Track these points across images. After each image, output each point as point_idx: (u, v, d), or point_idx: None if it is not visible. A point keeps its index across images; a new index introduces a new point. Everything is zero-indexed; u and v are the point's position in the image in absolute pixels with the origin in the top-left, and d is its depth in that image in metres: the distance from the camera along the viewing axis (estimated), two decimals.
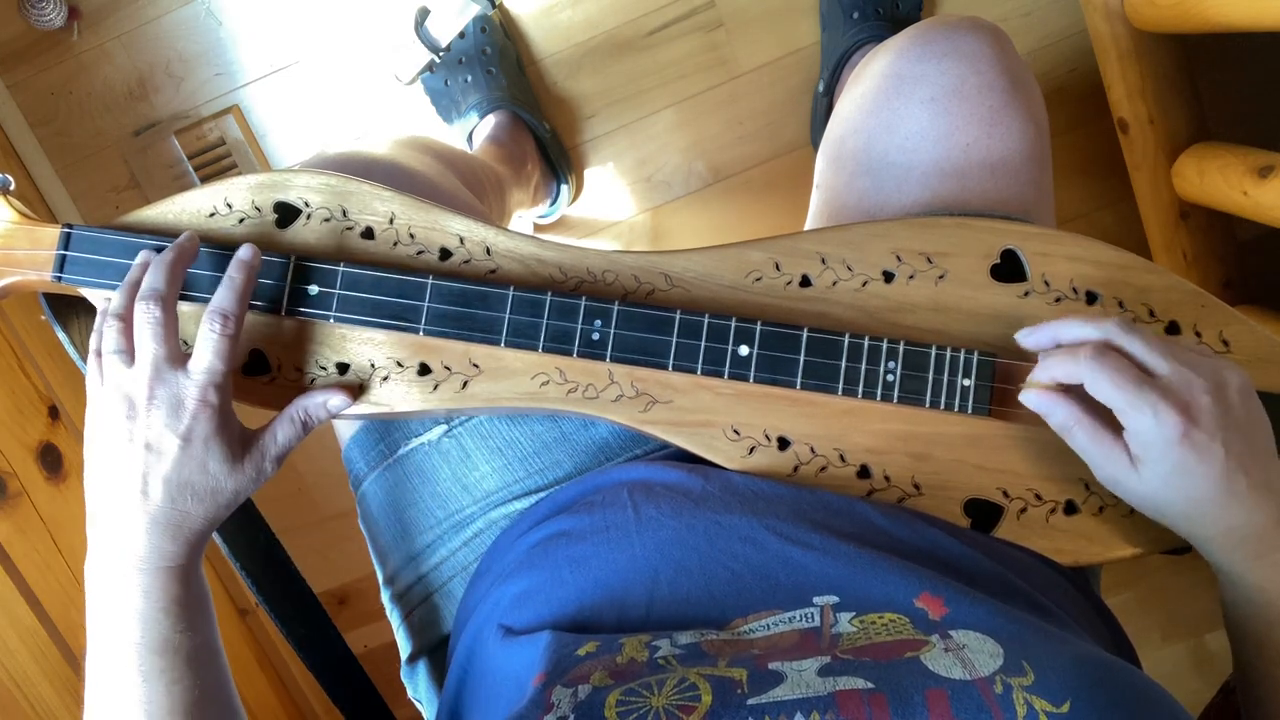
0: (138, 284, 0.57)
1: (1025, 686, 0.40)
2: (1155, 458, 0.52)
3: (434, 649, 0.71)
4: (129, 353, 0.55)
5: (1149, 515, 0.56)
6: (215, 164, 1.27)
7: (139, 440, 0.54)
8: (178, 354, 0.56)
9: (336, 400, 0.60)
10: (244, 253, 0.59)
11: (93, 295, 0.62)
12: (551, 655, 0.48)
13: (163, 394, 0.54)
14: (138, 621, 0.54)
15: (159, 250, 0.60)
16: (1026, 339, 0.58)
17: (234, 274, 0.58)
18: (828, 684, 0.41)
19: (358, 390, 0.62)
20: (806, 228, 0.79)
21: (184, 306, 0.61)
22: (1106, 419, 0.53)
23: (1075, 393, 0.54)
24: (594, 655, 0.47)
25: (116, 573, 0.55)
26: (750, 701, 0.41)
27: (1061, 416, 0.55)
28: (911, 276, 0.62)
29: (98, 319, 0.59)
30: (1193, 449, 0.51)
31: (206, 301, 0.61)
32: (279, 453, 0.59)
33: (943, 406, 0.60)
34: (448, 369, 0.62)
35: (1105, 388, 0.52)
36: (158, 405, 0.54)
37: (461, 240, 0.63)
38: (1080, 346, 0.53)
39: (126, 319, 0.56)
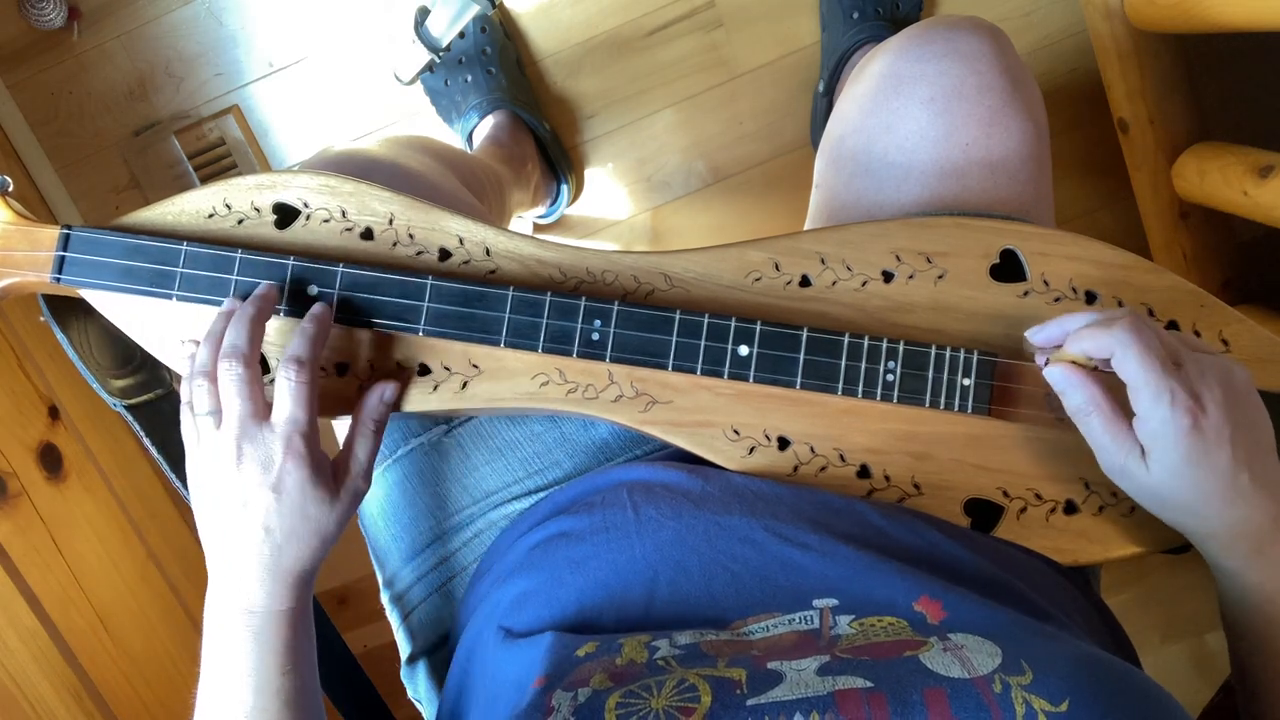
0: (221, 335, 0.57)
1: (1024, 685, 0.40)
2: (1164, 447, 0.51)
3: (434, 649, 0.71)
4: (219, 413, 0.56)
5: (1151, 509, 0.55)
6: (215, 164, 1.27)
7: (236, 498, 0.55)
8: (263, 409, 0.56)
9: (389, 392, 0.61)
10: (317, 309, 0.60)
11: (92, 296, 0.62)
12: (552, 657, 0.48)
13: (250, 451, 0.55)
14: (247, 662, 0.55)
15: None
16: (1036, 335, 0.57)
17: (307, 325, 0.59)
18: (827, 683, 0.41)
19: (400, 375, 0.62)
20: (806, 228, 0.79)
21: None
22: (1120, 406, 0.53)
23: (1097, 374, 0.54)
24: (593, 656, 0.47)
25: (229, 614, 0.56)
26: (750, 702, 0.41)
27: (1082, 398, 0.53)
28: (911, 276, 0.62)
29: (185, 366, 0.59)
30: (1201, 441, 0.50)
31: (209, 302, 0.61)
32: (367, 468, 0.59)
33: (942, 406, 0.60)
34: (447, 369, 0.62)
35: (1133, 363, 0.51)
36: (247, 462, 0.54)
37: (461, 241, 0.63)
38: (1114, 319, 0.52)
39: (214, 377, 0.56)
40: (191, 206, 0.63)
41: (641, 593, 0.53)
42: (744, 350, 0.60)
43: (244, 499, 0.55)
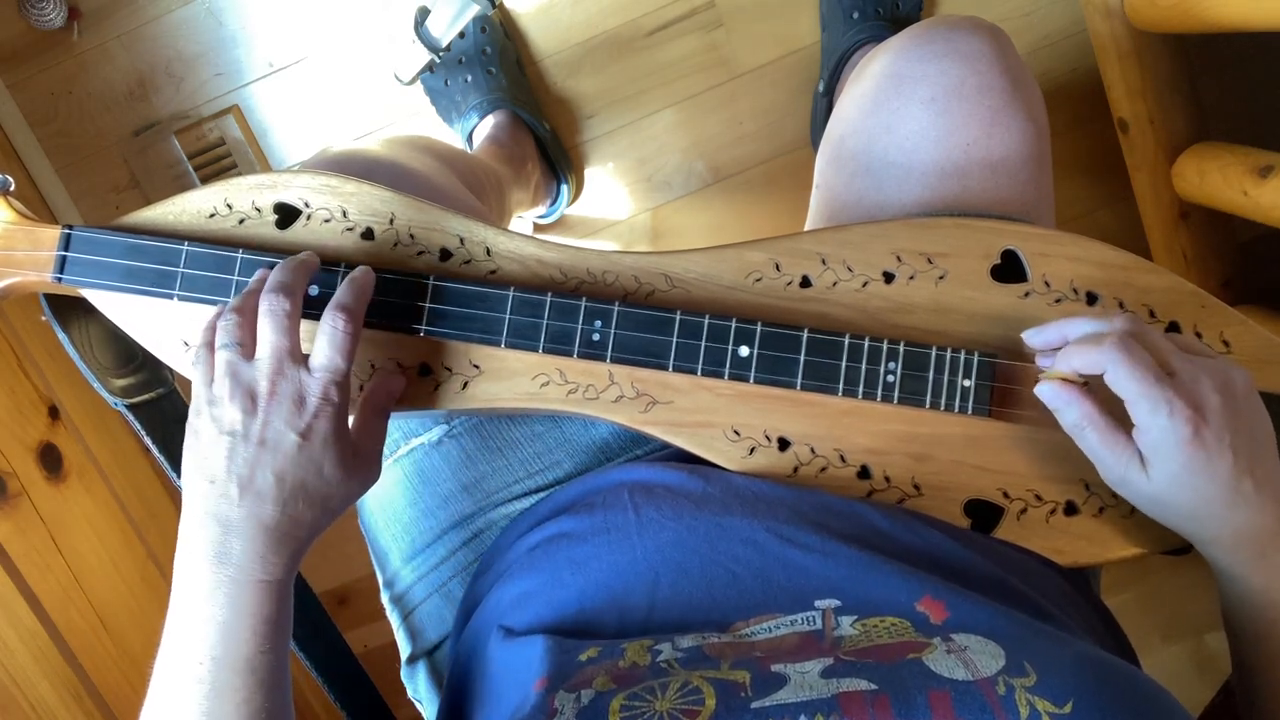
0: (257, 290, 0.55)
1: (1028, 687, 0.40)
2: (1165, 457, 0.51)
3: (434, 649, 0.71)
4: (247, 345, 0.53)
5: (1153, 516, 0.55)
6: (215, 164, 1.27)
7: (255, 436, 0.51)
8: (300, 351, 0.53)
9: (395, 384, 0.60)
10: (359, 270, 0.58)
11: (93, 296, 0.62)
12: (552, 660, 0.48)
13: (285, 389, 0.52)
14: (220, 634, 0.51)
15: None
16: (1034, 338, 0.57)
17: (356, 275, 0.57)
18: (830, 686, 0.41)
19: (399, 370, 0.62)
20: (806, 228, 0.79)
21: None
22: (1117, 417, 0.53)
23: (1089, 389, 0.54)
24: (595, 661, 0.47)
25: (208, 581, 0.51)
26: (754, 705, 0.41)
27: (1075, 415, 0.54)
28: (912, 277, 0.62)
29: (213, 316, 0.56)
30: (1203, 448, 0.50)
31: (210, 302, 0.61)
32: (380, 454, 0.58)
33: (943, 407, 0.60)
34: (448, 370, 0.62)
35: (1125, 379, 0.51)
36: (279, 400, 0.51)
37: (461, 241, 0.63)
38: (1104, 335, 0.52)
39: (246, 313, 0.54)
40: (192, 206, 0.63)
41: (643, 594, 0.53)
42: (744, 351, 0.60)
43: (263, 437, 0.51)
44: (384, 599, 0.75)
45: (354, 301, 0.55)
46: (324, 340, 0.53)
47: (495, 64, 1.20)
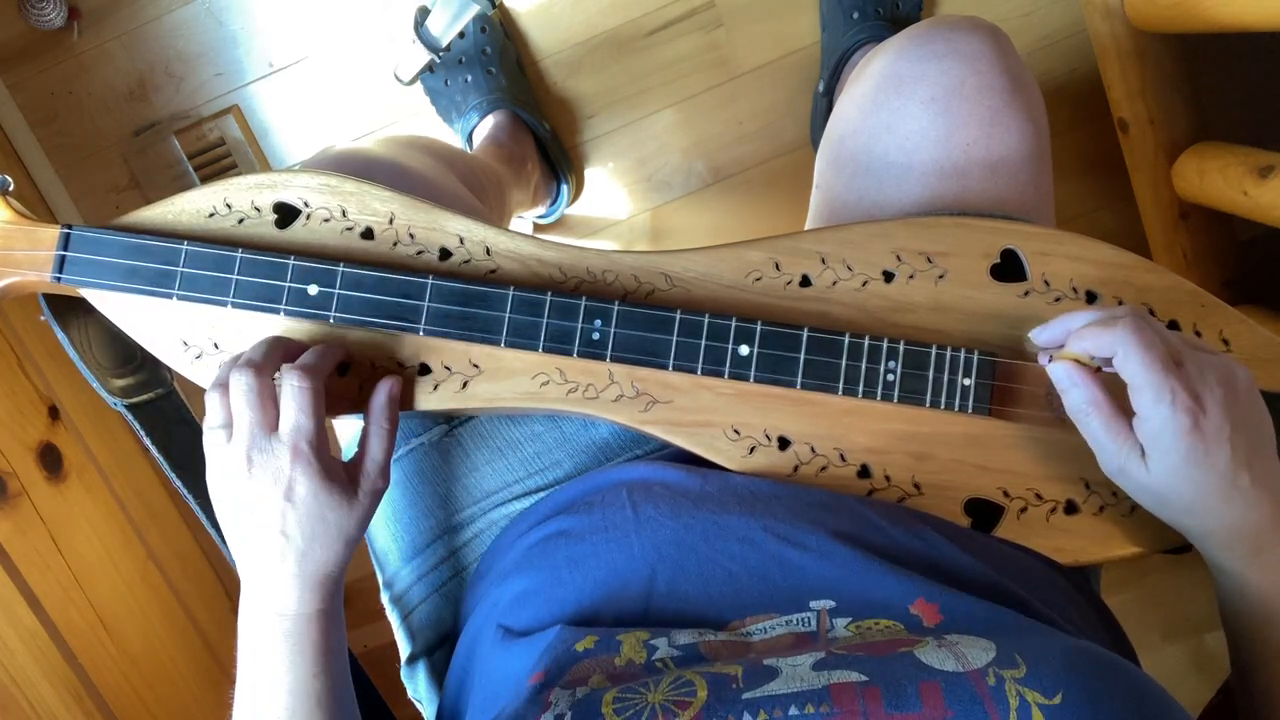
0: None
1: (1018, 679, 0.40)
2: (1164, 448, 0.51)
3: (433, 649, 0.71)
4: (229, 426, 0.56)
5: (1150, 508, 0.55)
6: (215, 164, 1.27)
7: (251, 509, 0.55)
8: (273, 419, 0.56)
9: (395, 387, 0.61)
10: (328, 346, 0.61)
11: (92, 295, 0.62)
12: (552, 652, 0.48)
13: (260, 461, 0.55)
14: (284, 664, 0.56)
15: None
16: (1039, 336, 0.57)
17: (320, 347, 0.60)
18: (822, 677, 0.41)
19: (401, 374, 0.62)
20: (806, 228, 0.79)
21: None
22: (1121, 407, 0.53)
23: (1099, 375, 0.54)
24: (592, 652, 0.47)
25: (263, 617, 0.56)
26: (745, 695, 0.41)
27: (1082, 397, 0.54)
28: (911, 276, 0.62)
29: (207, 393, 0.59)
30: (1201, 441, 0.50)
31: (209, 301, 0.61)
32: (384, 466, 0.59)
33: (943, 406, 0.60)
34: (448, 369, 0.62)
35: (1134, 364, 0.51)
36: (257, 472, 0.55)
37: (461, 240, 0.63)
38: (1117, 319, 0.52)
39: (228, 390, 0.56)
40: (192, 206, 0.63)
41: (639, 591, 0.53)
42: (744, 350, 0.60)
43: (257, 510, 0.55)
44: (384, 599, 0.75)
45: (316, 359, 0.58)
46: (287, 401, 0.56)
47: (495, 64, 1.20)
